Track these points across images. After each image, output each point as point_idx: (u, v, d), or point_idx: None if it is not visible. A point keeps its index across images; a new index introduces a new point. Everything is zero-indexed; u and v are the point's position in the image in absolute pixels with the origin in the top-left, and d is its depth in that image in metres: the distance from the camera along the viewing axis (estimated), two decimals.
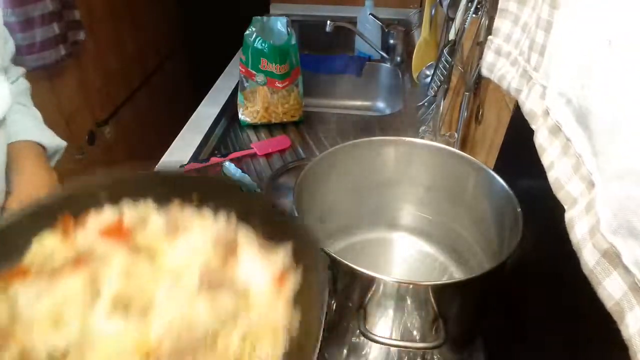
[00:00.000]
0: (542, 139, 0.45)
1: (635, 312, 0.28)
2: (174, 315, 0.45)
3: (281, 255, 0.51)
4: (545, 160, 0.43)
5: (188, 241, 0.53)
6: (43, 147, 0.90)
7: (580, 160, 0.37)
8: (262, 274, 0.50)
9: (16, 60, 0.99)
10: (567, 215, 0.37)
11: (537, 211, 0.41)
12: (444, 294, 0.57)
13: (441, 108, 1.10)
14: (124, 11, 2.22)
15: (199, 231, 0.54)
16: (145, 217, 0.56)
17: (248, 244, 0.53)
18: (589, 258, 0.32)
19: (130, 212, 0.56)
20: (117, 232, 0.53)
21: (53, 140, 0.93)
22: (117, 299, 0.47)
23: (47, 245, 0.51)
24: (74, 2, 1.72)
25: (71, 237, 0.53)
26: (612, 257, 0.30)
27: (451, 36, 0.95)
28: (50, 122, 0.96)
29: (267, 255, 0.52)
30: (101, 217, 0.55)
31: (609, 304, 0.30)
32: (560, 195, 0.39)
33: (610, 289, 0.30)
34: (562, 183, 0.39)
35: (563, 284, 0.50)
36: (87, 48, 1.90)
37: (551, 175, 0.41)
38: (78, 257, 0.50)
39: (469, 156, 0.74)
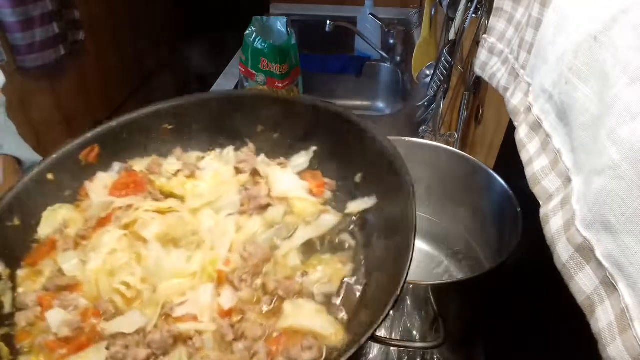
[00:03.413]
0: (522, 135, 0.45)
1: (605, 306, 0.28)
2: (232, 236, 0.48)
3: (304, 157, 0.55)
4: (524, 155, 0.43)
5: (211, 176, 0.55)
6: (19, 162, 0.88)
7: (558, 156, 0.38)
8: (296, 184, 0.53)
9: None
10: (542, 211, 0.37)
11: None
12: (444, 294, 0.57)
13: (441, 108, 1.10)
14: (124, 11, 2.22)
15: (218, 165, 0.57)
16: (156, 163, 0.57)
17: (268, 163, 0.56)
18: (562, 252, 0.32)
19: (139, 162, 0.58)
20: (130, 185, 0.54)
21: (30, 156, 0.91)
22: (163, 240, 0.48)
23: (60, 215, 0.52)
24: (73, 2, 1.72)
25: (84, 203, 0.54)
26: (586, 251, 0.30)
27: (451, 36, 0.95)
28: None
29: (291, 162, 0.56)
30: (107, 176, 0.56)
31: (580, 299, 0.30)
32: (536, 191, 0.40)
33: (582, 283, 0.30)
34: (538, 178, 0.40)
35: (562, 284, 0.50)
36: (87, 48, 1.90)
37: (529, 171, 0.42)
38: (100, 217, 0.51)
39: (469, 156, 0.74)
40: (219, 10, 2.77)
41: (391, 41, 1.79)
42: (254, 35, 1.26)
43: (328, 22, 1.61)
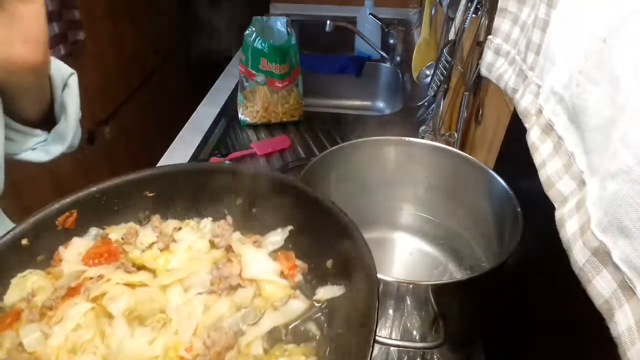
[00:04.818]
0: (534, 138, 0.45)
1: (624, 310, 0.28)
2: (198, 318, 0.47)
3: (280, 236, 0.55)
4: (537, 158, 0.43)
5: (185, 250, 0.55)
6: None
7: (571, 158, 0.37)
8: (268, 266, 0.52)
9: None
10: (557, 214, 0.37)
11: (537, 211, 0.41)
12: (444, 294, 0.57)
13: (441, 108, 1.10)
14: (124, 11, 2.22)
15: (193, 238, 0.56)
16: (132, 232, 0.56)
17: (243, 241, 0.57)
18: (579, 256, 0.32)
19: (116, 229, 0.56)
20: (103, 254, 0.53)
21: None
22: (130, 316, 0.47)
23: (30, 282, 0.50)
24: (73, 2, 1.72)
25: (55, 270, 0.52)
26: (602, 255, 0.30)
27: (451, 36, 0.95)
28: None
29: (266, 239, 0.56)
30: (82, 242, 0.54)
31: (598, 302, 0.30)
32: (551, 194, 0.39)
33: (600, 287, 0.30)
34: (552, 181, 0.39)
35: (563, 284, 0.50)
36: (87, 48, 1.89)
37: (542, 174, 0.41)
38: (70, 286, 0.50)
39: (469, 156, 0.74)
40: (219, 10, 2.77)
41: (391, 41, 1.79)
42: (254, 35, 1.26)
43: (328, 22, 1.61)
